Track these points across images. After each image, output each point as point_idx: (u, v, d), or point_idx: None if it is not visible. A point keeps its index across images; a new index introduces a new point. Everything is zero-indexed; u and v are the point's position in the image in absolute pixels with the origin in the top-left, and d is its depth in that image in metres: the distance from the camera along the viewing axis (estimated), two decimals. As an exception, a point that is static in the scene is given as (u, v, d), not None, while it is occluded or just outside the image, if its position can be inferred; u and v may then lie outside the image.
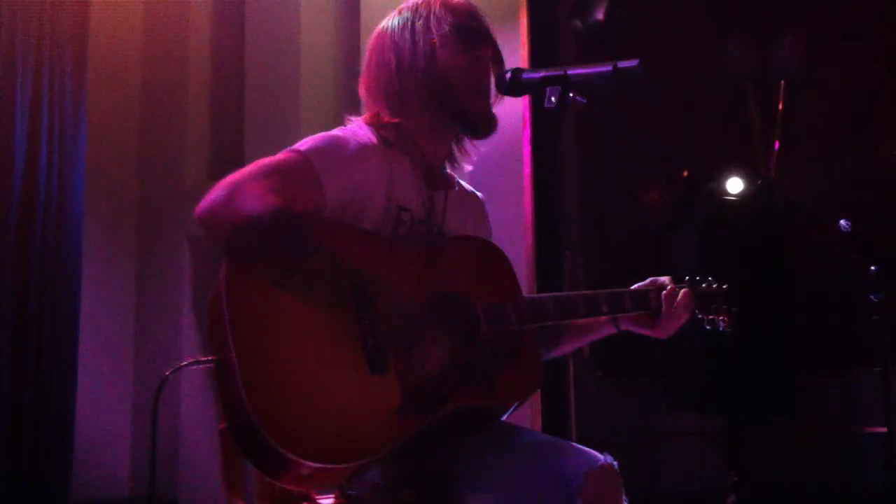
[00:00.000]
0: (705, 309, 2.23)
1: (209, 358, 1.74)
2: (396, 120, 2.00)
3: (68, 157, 3.41)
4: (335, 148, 1.93)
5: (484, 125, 2.03)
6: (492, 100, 2.04)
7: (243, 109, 3.42)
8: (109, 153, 3.42)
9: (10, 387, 3.24)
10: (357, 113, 2.11)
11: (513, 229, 3.17)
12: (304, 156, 1.89)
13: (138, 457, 3.13)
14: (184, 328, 3.28)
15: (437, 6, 2.03)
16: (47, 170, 3.36)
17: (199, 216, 1.80)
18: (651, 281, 2.18)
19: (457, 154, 2.12)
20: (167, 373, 1.79)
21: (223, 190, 1.79)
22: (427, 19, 2.00)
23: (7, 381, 3.23)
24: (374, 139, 1.99)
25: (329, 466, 1.69)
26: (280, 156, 1.90)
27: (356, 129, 2.02)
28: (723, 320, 2.25)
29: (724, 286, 2.26)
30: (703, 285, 2.25)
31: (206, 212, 1.79)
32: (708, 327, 2.26)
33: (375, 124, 2.02)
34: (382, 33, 2.06)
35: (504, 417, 1.99)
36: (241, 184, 1.80)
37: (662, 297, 2.12)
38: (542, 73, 1.94)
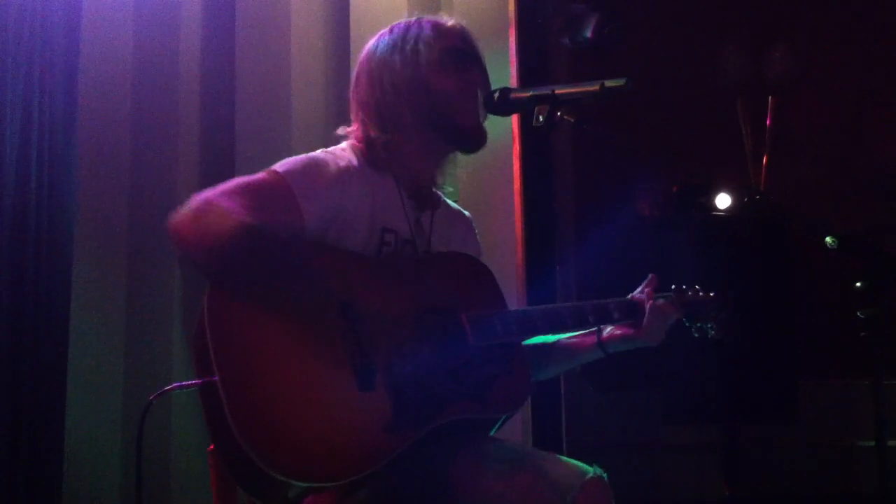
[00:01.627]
0: (692, 317, 2.22)
1: (194, 381, 1.74)
2: (386, 140, 2.00)
3: (59, 177, 3.40)
4: (315, 171, 1.92)
5: (476, 140, 2.06)
6: (481, 118, 2.06)
7: (234, 125, 3.42)
8: (100, 171, 3.41)
9: (8, 409, 3.22)
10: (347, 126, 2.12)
11: (503, 246, 3.17)
12: (282, 177, 1.88)
13: (129, 478, 3.11)
14: (175, 347, 3.27)
15: (428, 28, 2.04)
16: (37, 190, 3.35)
17: (170, 231, 1.78)
18: (631, 297, 2.18)
19: (438, 176, 2.13)
20: (151, 397, 1.78)
21: (194, 207, 1.77)
22: (417, 41, 2.01)
23: (6, 403, 3.22)
24: (356, 162, 2.00)
25: (318, 486, 1.68)
26: (256, 176, 1.89)
27: (339, 152, 2.02)
28: (711, 327, 2.24)
29: (711, 294, 2.25)
30: (690, 293, 2.24)
31: (175, 228, 1.77)
32: (696, 335, 2.25)
33: (362, 145, 2.03)
34: (373, 53, 2.06)
35: (494, 430, 1.99)
36: (213, 201, 1.77)
37: (647, 306, 2.12)
38: (530, 92, 1.95)
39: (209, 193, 1.79)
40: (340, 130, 2.09)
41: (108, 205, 3.36)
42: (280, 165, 1.92)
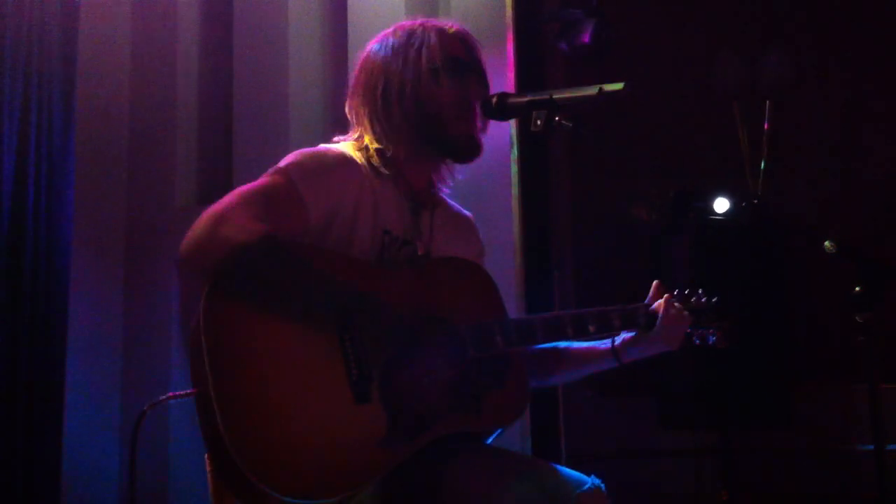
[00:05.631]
0: (695, 323, 2.16)
1: (188, 391, 1.72)
2: (380, 146, 1.99)
3: (57, 179, 3.40)
4: (314, 159, 1.92)
5: (468, 150, 2.01)
6: (478, 125, 2.02)
7: (231, 130, 3.42)
8: (97, 174, 3.41)
9: (6, 417, 3.20)
10: (345, 133, 2.11)
11: (501, 251, 3.16)
12: (286, 172, 1.87)
13: (127, 486, 3.10)
14: (172, 354, 3.26)
15: (431, 35, 2.00)
16: (35, 192, 3.35)
17: (185, 253, 1.75)
18: (642, 304, 2.13)
19: (436, 180, 2.10)
20: (145, 407, 1.77)
21: (207, 223, 1.75)
22: (419, 49, 1.98)
23: (4, 411, 3.20)
24: (357, 157, 1.98)
25: (310, 502, 1.66)
26: (261, 180, 1.88)
27: (342, 146, 2.01)
28: (713, 335, 2.19)
29: (714, 299, 2.20)
30: (693, 300, 2.19)
31: (191, 247, 1.75)
32: (697, 342, 2.20)
33: (360, 148, 2.02)
34: (373, 56, 2.03)
35: (489, 440, 1.97)
36: (225, 215, 1.76)
37: (661, 312, 2.07)
38: (527, 97, 1.94)
39: (217, 208, 1.78)
40: (336, 139, 2.08)
41: (106, 208, 3.36)
42: (284, 161, 1.91)
